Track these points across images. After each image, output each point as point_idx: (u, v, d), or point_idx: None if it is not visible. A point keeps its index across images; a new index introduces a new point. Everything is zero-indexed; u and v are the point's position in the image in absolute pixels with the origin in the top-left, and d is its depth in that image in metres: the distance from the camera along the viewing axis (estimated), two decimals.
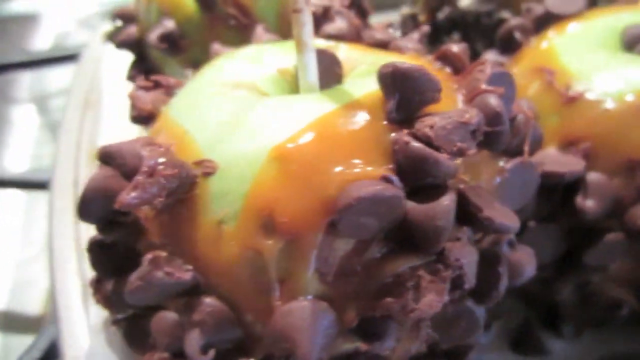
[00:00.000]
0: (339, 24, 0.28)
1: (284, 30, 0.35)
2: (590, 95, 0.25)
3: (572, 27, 0.30)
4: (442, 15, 0.43)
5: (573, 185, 0.24)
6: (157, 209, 0.19)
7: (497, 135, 0.20)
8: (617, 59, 0.26)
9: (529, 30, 0.33)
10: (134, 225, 0.20)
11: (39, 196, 0.52)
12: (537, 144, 0.24)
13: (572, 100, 0.25)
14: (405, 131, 0.18)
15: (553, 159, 0.24)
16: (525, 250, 0.23)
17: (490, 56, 0.35)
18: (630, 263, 0.25)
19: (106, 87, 0.44)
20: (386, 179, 0.17)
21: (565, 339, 0.29)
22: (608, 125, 0.24)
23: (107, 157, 0.20)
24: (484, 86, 0.20)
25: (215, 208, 0.18)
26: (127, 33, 0.38)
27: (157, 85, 0.27)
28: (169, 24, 0.35)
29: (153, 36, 0.34)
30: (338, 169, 0.17)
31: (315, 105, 0.20)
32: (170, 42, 0.35)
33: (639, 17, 0.30)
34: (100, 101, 0.42)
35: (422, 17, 0.46)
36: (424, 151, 0.17)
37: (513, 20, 0.34)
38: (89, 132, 0.39)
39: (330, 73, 0.24)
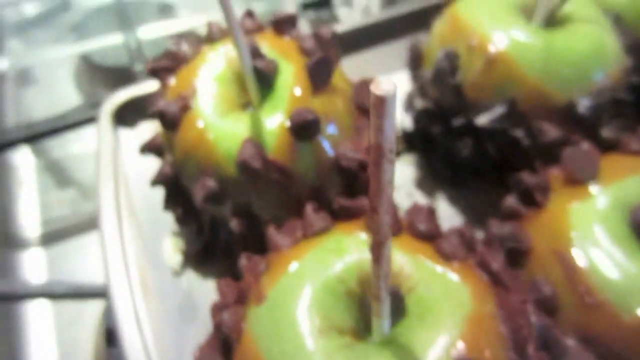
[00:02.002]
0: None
1: (322, 179, 0.40)
2: (607, 306, 0.32)
3: (585, 202, 0.36)
4: (456, 122, 0.48)
5: None
6: None
7: None
8: (630, 255, 0.33)
9: (547, 189, 0.39)
10: None
11: None
12: None
13: (592, 306, 0.32)
14: None
15: (575, 353, 0.32)
16: None
17: (511, 201, 0.41)
18: None
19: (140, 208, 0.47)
20: None
21: None
22: (620, 336, 0.31)
23: None
24: None
25: None
26: (163, 173, 0.41)
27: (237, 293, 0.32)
28: (210, 183, 0.38)
29: (198, 197, 0.38)
30: None
31: None
32: (213, 200, 0.38)
33: None
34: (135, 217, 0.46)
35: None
36: None
37: (532, 178, 0.39)
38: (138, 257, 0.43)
39: (397, 309, 0.29)
